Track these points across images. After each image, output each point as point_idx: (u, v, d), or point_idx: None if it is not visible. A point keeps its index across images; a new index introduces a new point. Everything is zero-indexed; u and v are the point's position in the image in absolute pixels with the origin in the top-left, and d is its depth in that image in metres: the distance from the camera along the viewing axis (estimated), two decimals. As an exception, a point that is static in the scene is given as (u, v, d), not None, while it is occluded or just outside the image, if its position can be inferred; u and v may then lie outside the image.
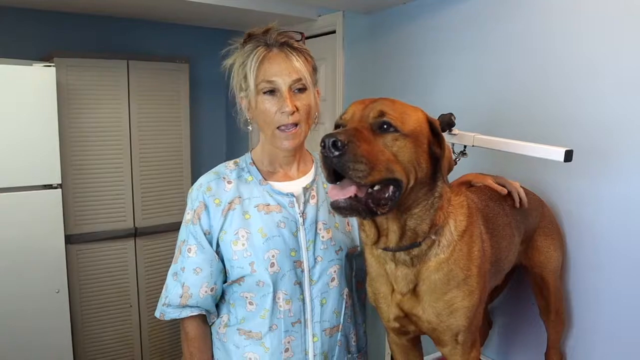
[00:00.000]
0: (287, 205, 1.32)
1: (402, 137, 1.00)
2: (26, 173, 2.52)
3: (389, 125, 1.00)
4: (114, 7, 2.90)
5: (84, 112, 2.92)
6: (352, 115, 1.04)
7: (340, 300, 1.36)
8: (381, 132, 0.99)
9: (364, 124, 1.00)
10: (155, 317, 1.37)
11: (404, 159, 1.00)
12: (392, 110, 1.01)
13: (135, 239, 3.18)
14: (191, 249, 1.31)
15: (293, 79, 1.25)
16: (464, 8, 1.95)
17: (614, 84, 1.48)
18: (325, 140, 0.92)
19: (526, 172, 1.69)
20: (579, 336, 1.63)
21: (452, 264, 1.12)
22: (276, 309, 1.29)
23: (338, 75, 2.73)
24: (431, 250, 1.11)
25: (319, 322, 1.32)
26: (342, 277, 1.36)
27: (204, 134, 3.87)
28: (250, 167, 1.37)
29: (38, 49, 2.93)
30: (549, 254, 1.53)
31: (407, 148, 1.01)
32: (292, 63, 1.25)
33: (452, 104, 1.92)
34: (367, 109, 1.02)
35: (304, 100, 1.27)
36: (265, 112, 1.26)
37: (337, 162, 0.92)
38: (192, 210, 1.33)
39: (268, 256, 1.28)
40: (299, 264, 1.31)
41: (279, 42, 1.27)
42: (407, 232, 1.09)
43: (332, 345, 1.35)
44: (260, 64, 1.25)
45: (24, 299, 2.53)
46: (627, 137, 1.45)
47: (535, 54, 1.70)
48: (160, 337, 3.35)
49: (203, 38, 3.57)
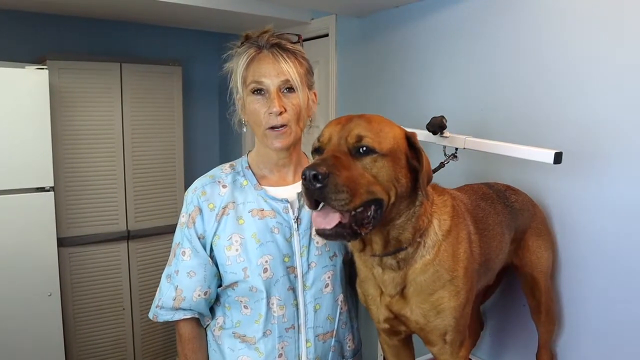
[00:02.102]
0: (281, 211, 1.32)
1: (380, 157, 1.01)
2: (18, 176, 2.51)
3: (367, 148, 1.01)
4: (107, 10, 2.89)
5: (76, 114, 2.91)
6: (329, 139, 1.05)
7: (335, 306, 1.36)
8: (359, 155, 1.01)
9: (342, 149, 1.01)
10: (149, 318, 1.38)
11: (383, 179, 1.02)
12: (368, 132, 1.02)
13: (128, 241, 3.17)
14: (185, 252, 1.31)
15: (281, 80, 1.25)
16: (456, 12, 1.96)
17: (602, 86, 1.50)
18: (306, 173, 0.94)
19: (517, 173, 1.71)
20: (570, 336, 1.64)
21: (437, 265, 1.14)
22: (270, 314, 1.29)
23: (331, 78, 2.74)
24: (417, 252, 1.13)
25: (312, 328, 1.33)
26: (336, 283, 1.36)
27: (197, 136, 3.87)
28: (246, 171, 1.36)
29: (31, 52, 2.92)
30: (539, 253, 1.54)
31: (386, 168, 1.02)
32: (279, 64, 1.25)
33: (444, 107, 1.94)
34: (343, 131, 1.03)
35: (294, 100, 1.27)
36: (255, 113, 1.27)
37: (320, 193, 0.94)
38: (187, 213, 1.33)
39: (261, 262, 1.28)
40: (292, 270, 1.31)
41: (270, 44, 1.28)
42: (391, 241, 1.11)
43: (325, 351, 1.36)
44: (248, 65, 1.27)
45: (16, 302, 2.52)
46: (616, 139, 1.47)
47: (525, 57, 1.72)
48: (153, 340, 3.34)
49: (196, 41, 3.58)
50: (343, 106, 2.68)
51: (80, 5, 2.75)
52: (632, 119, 1.43)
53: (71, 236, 2.94)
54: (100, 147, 3.03)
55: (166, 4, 2.40)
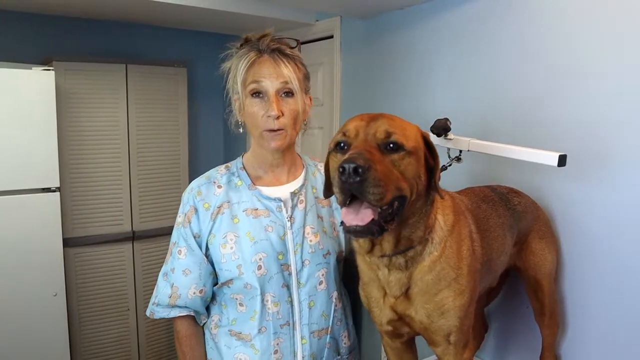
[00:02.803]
0: (274, 210, 1.35)
1: (407, 154, 1.02)
2: (25, 176, 2.53)
3: (395, 144, 1.01)
4: (113, 12, 2.91)
5: (82, 115, 2.93)
6: (356, 133, 1.03)
7: (329, 304, 1.39)
8: (388, 151, 1.01)
9: (371, 144, 1.00)
10: (147, 316, 1.41)
11: (409, 175, 1.02)
12: (395, 129, 1.02)
13: (133, 242, 3.19)
14: (181, 251, 1.35)
15: (280, 84, 1.28)
16: (460, 13, 1.96)
17: (607, 88, 1.49)
18: (346, 166, 0.91)
19: (520, 176, 1.70)
20: (574, 339, 1.64)
21: (443, 262, 1.14)
22: (265, 311, 1.31)
23: (335, 79, 2.74)
24: (425, 249, 1.13)
25: (307, 325, 1.35)
26: (330, 280, 1.39)
27: (202, 138, 3.88)
28: (240, 171, 1.40)
29: (37, 53, 2.94)
30: (543, 256, 1.54)
31: (412, 164, 1.03)
32: (280, 68, 1.28)
33: (448, 109, 1.94)
34: (370, 127, 1.03)
35: (291, 105, 1.30)
36: (253, 115, 1.30)
37: (358, 187, 0.92)
38: (183, 213, 1.37)
39: (255, 259, 1.30)
40: (287, 267, 1.33)
41: (270, 48, 1.30)
42: (402, 240, 1.11)
43: (320, 348, 1.38)
44: (249, 68, 1.29)
45: (22, 302, 2.54)
46: (620, 141, 1.46)
47: (529, 59, 1.71)
48: (157, 340, 3.36)
49: (201, 42, 3.59)
50: (347, 108, 2.68)
51: (86, 6, 2.77)
52: (637, 121, 1.42)
53: (76, 236, 2.96)
54: (105, 148, 3.04)
55: (171, 6, 2.41)
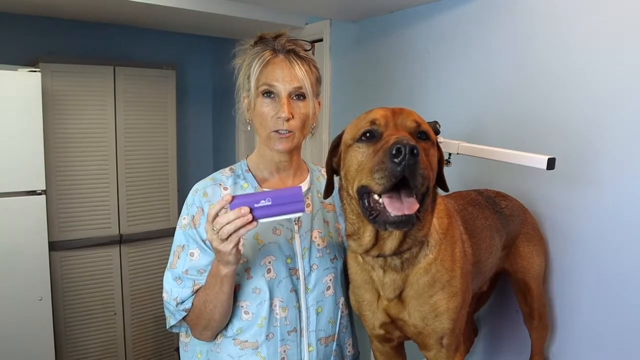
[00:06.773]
0: None
1: (432, 145, 1.04)
2: (10, 179, 2.49)
3: (424, 134, 1.02)
4: (100, 13, 2.88)
5: (69, 118, 2.90)
6: (386, 122, 1.01)
7: (336, 309, 1.36)
8: (419, 140, 1.01)
9: (404, 132, 0.99)
10: (172, 332, 1.27)
11: (434, 165, 1.04)
12: (421, 120, 1.03)
13: (120, 246, 3.15)
14: (194, 253, 1.29)
15: (293, 86, 1.25)
16: (450, 17, 1.97)
17: (596, 93, 1.50)
18: (401, 147, 0.87)
19: (509, 179, 1.71)
20: (563, 342, 1.64)
21: (439, 264, 1.13)
22: (273, 316, 1.28)
23: (325, 82, 2.74)
24: (421, 251, 1.12)
25: (314, 331, 1.32)
26: (337, 285, 1.36)
27: (191, 140, 3.86)
28: (246, 174, 1.36)
29: (23, 54, 2.91)
30: (531, 259, 1.55)
31: (435, 156, 1.05)
32: (294, 70, 1.26)
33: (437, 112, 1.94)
34: (398, 117, 1.02)
35: (302, 109, 1.27)
36: (262, 115, 1.27)
37: (411, 170, 0.88)
38: (189, 215, 1.31)
39: (264, 262, 1.28)
40: (295, 272, 1.31)
41: (285, 49, 1.28)
42: (407, 239, 1.08)
43: (327, 355, 1.35)
44: (263, 67, 1.26)
45: (6, 306, 2.49)
46: (608, 145, 1.47)
47: (519, 63, 1.72)
48: (144, 345, 3.32)
49: (190, 45, 3.57)
50: (337, 111, 2.68)
51: (74, 8, 2.74)
52: (625, 126, 1.43)
53: (63, 240, 2.92)
54: (92, 151, 3.01)
55: (161, 8, 2.39)
